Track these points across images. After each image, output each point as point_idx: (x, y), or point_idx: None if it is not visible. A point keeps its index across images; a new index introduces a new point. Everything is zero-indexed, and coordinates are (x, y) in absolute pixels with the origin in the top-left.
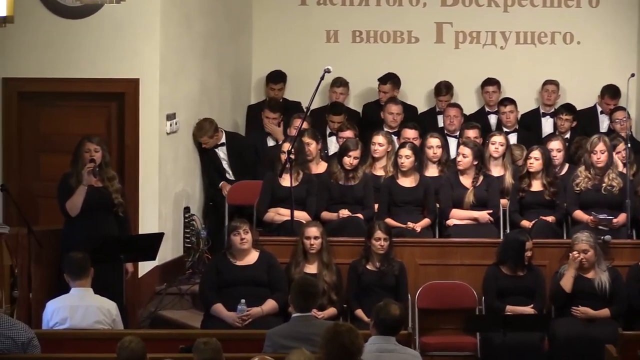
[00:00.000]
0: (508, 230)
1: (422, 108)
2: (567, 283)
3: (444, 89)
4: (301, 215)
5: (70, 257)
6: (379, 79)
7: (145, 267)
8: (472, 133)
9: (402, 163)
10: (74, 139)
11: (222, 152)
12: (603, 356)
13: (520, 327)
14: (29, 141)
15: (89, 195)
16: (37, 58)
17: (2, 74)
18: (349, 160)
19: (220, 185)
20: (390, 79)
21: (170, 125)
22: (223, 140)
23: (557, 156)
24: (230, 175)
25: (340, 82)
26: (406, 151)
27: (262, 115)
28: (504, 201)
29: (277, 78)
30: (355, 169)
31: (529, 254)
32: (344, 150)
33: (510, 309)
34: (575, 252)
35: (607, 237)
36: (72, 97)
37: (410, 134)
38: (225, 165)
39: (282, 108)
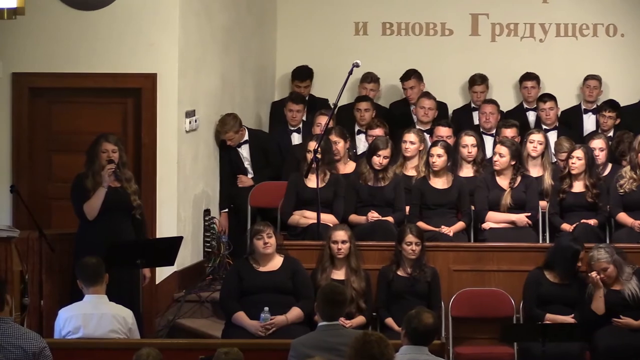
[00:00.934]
0: (548, 234)
1: (455, 105)
2: (598, 305)
3: (478, 79)
4: (328, 219)
5: (84, 263)
6: (401, 78)
7: (163, 273)
8: (509, 132)
9: (434, 162)
10: (88, 137)
11: (244, 151)
12: None
13: (560, 337)
14: (40, 140)
15: (106, 197)
16: (49, 52)
17: (12, 69)
18: (379, 160)
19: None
20: (412, 74)
21: (190, 122)
22: (246, 137)
23: (600, 155)
24: (251, 176)
25: (370, 78)
26: (438, 150)
27: (285, 111)
28: (543, 203)
29: (303, 75)
30: (385, 169)
31: (579, 263)
32: (373, 149)
33: (550, 317)
34: (594, 273)
35: None
36: (86, 93)
37: (444, 131)
38: (247, 164)
39: (305, 100)
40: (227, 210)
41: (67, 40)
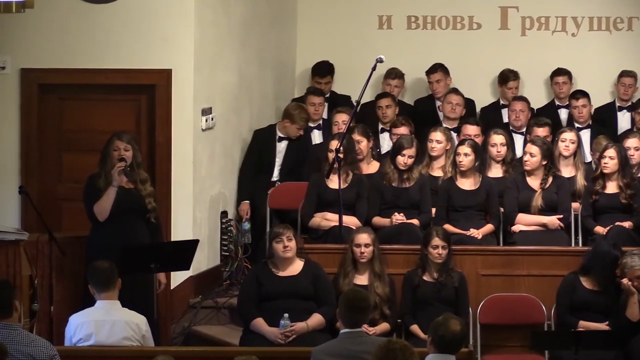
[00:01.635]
0: (580, 238)
1: (484, 102)
2: (633, 312)
3: (510, 75)
4: (350, 221)
5: (96, 267)
6: (427, 71)
7: (178, 278)
8: (541, 131)
9: (461, 162)
10: (100, 136)
11: (282, 145)
12: None
13: (593, 345)
14: (50, 138)
15: (118, 198)
16: (59, 47)
17: (20, 64)
18: (403, 160)
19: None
20: (439, 67)
21: (206, 120)
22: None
23: (635, 155)
24: (274, 175)
25: (395, 74)
26: (466, 149)
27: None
28: (575, 205)
29: (324, 71)
30: (410, 169)
31: (618, 270)
32: (397, 149)
33: (584, 324)
34: (625, 280)
35: None
36: (97, 90)
37: (471, 130)
38: (278, 161)
39: (324, 93)
40: (248, 201)
41: (78, 35)
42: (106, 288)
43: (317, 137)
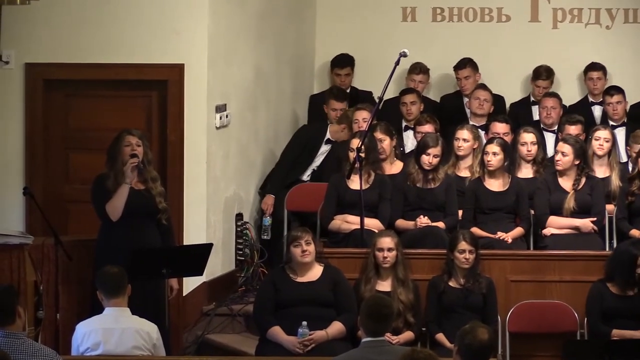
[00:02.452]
0: (615, 241)
1: (513, 98)
2: None
3: (544, 72)
4: (372, 224)
5: (104, 272)
6: (455, 67)
7: (191, 284)
8: (573, 129)
9: (489, 162)
10: (109, 134)
11: (326, 148)
12: None
13: (628, 355)
14: (56, 137)
15: (129, 199)
16: (65, 40)
17: (25, 59)
18: (428, 159)
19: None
20: (468, 63)
21: (220, 118)
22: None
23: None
24: (306, 175)
25: (419, 69)
26: (494, 148)
27: (325, 108)
28: (610, 207)
29: (342, 62)
30: (436, 169)
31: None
32: (422, 147)
33: (617, 333)
34: None
35: None
36: (106, 86)
37: (500, 128)
38: (317, 162)
39: (347, 96)
40: (273, 196)
41: (86, 28)
42: (115, 294)
43: None
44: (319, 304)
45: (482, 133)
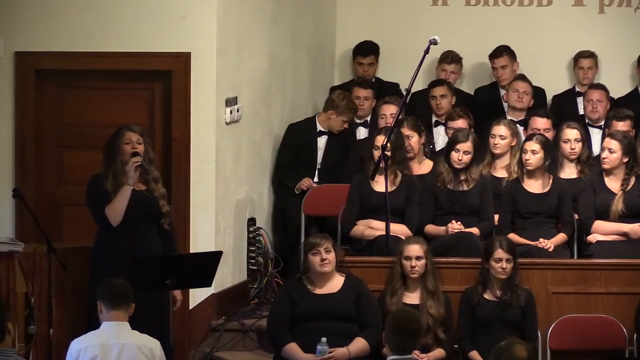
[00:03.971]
0: None
1: (555, 90)
2: None
3: (586, 52)
4: (399, 229)
5: (110, 282)
6: (490, 55)
7: (198, 296)
8: (622, 125)
9: (528, 161)
10: (107, 130)
11: (322, 142)
12: None
13: None
14: (49, 133)
15: (130, 202)
16: (59, 26)
17: (14, 47)
18: (457, 156)
19: (300, 183)
20: (505, 51)
21: (231, 112)
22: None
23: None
24: (316, 176)
25: (451, 58)
26: (534, 145)
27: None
28: None
29: (366, 50)
30: (467, 168)
31: None
32: (451, 143)
33: None
34: None
35: None
36: (104, 77)
37: (541, 123)
38: (320, 158)
39: (374, 85)
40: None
41: (82, 13)
42: (117, 306)
43: (362, 134)
44: (340, 319)
45: (520, 129)
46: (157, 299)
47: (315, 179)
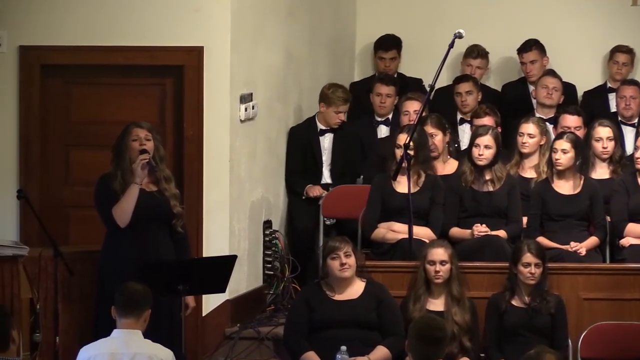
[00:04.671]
0: None
1: (587, 86)
2: None
3: (623, 47)
4: (423, 232)
5: (127, 286)
6: (518, 49)
7: (211, 302)
8: None
9: (557, 160)
10: (116, 128)
11: (327, 141)
12: None
13: None
14: (55, 131)
15: (139, 203)
16: (67, 19)
17: (19, 41)
18: (478, 151)
19: (306, 189)
20: (534, 45)
21: (246, 109)
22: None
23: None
24: (326, 176)
25: (477, 52)
26: (564, 144)
27: (371, 97)
28: None
29: (387, 44)
30: (491, 166)
31: None
32: (471, 139)
33: None
34: None
35: None
36: (113, 72)
37: (571, 121)
38: (325, 158)
39: (396, 81)
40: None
41: (89, 5)
42: (130, 314)
43: (383, 133)
44: (361, 326)
45: (550, 127)
46: (168, 305)
47: (327, 180)
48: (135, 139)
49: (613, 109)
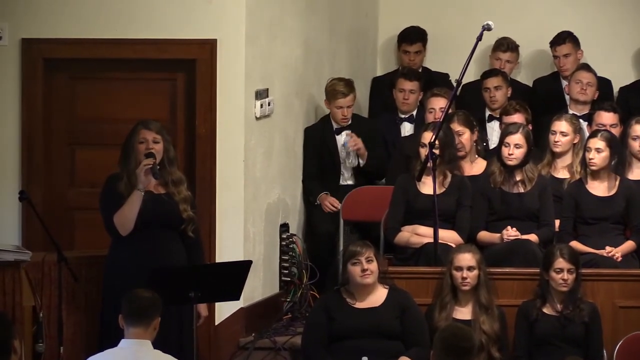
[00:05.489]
0: None
1: (623, 81)
2: None
3: None
4: (449, 236)
5: (135, 294)
6: (551, 42)
7: (224, 310)
8: None
9: (591, 160)
10: (124, 126)
11: (343, 139)
12: None
13: None
14: (59, 129)
15: (146, 206)
16: (72, 10)
17: (21, 34)
18: (508, 150)
19: (318, 198)
20: (567, 37)
21: (262, 106)
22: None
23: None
24: (346, 177)
25: (507, 46)
26: (598, 143)
27: (393, 92)
28: None
29: (412, 36)
30: (522, 166)
31: None
32: (501, 138)
33: None
34: None
35: None
36: (121, 67)
37: (606, 118)
38: (344, 157)
39: (420, 76)
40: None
41: None
42: (139, 323)
43: (407, 130)
44: (383, 335)
45: (584, 124)
46: (178, 314)
47: (349, 182)
48: (142, 142)
49: None
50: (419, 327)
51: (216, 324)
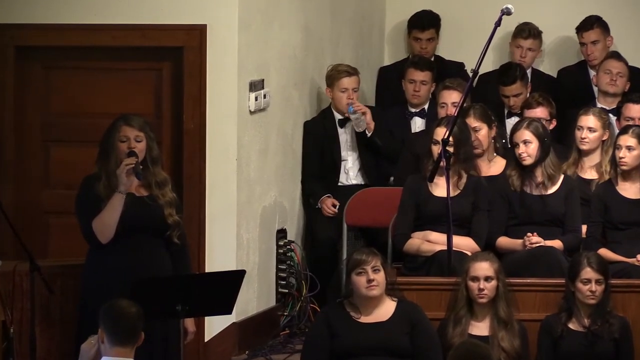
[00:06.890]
0: None
1: None
2: None
3: None
4: (464, 243)
5: (116, 307)
6: (578, 28)
7: (215, 326)
8: None
9: (622, 159)
10: (104, 121)
11: (346, 133)
12: None
13: None
14: (32, 124)
15: (127, 211)
16: None
17: None
18: (518, 150)
19: (320, 200)
20: (595, 23)
21: (256, 98)
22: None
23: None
24: (350, 176)
25: (528, 32)
26: (629, 140)
27: (402, 83)
28: None
29: (423, 22)
30: (538, 163)
31: None
32: (510, 137)
33: None
34: None
35: None
36: (101, 55)
37: (636, 110)
38: (345, 153)
39: (432, 66)
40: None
41: None
42: (125, 343)
43: (418, 126)
44: (391, 353)
45: (613, 119)
46: (163, 330)
47: (353, 181)
48: (123, 140)
49: None
50: (430, 343)
51: (206, 340)
